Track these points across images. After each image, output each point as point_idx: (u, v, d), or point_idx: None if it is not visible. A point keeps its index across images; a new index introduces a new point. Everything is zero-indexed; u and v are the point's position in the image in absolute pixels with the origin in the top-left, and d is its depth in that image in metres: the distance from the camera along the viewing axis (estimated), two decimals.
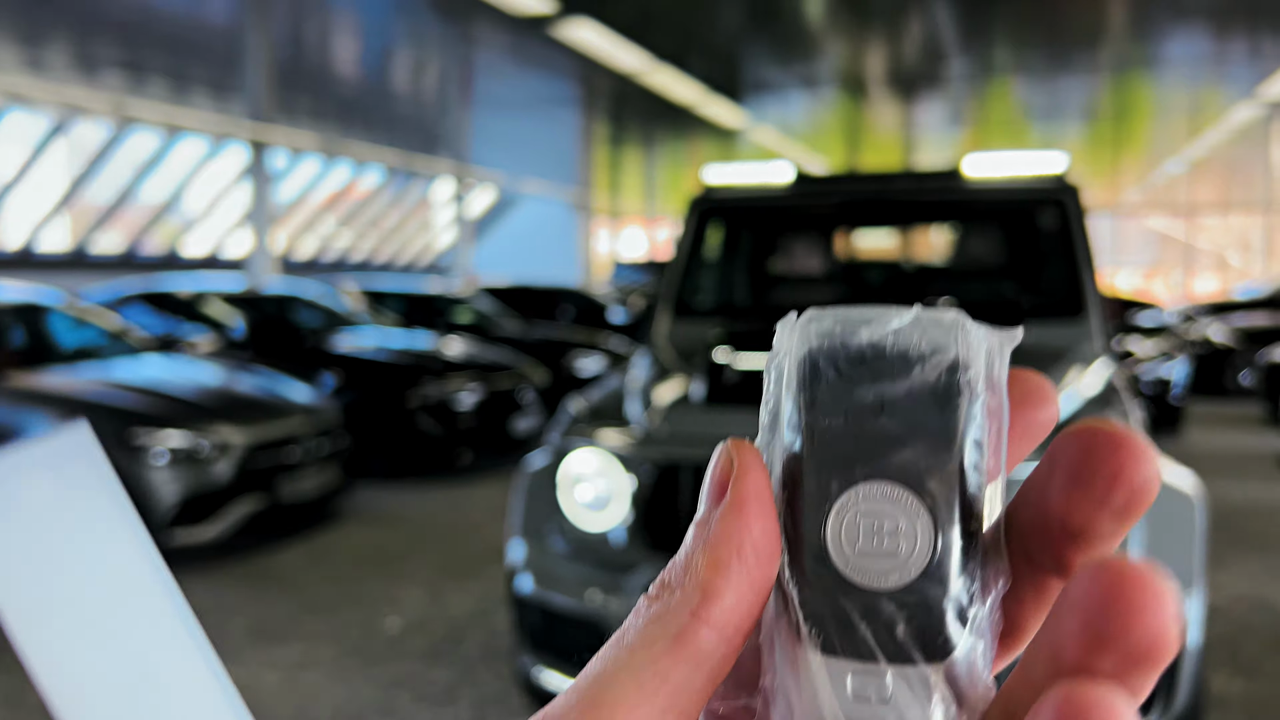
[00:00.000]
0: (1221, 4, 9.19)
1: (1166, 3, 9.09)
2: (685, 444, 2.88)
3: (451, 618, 4.69)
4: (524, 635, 3.08)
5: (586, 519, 3.01)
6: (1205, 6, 9.21)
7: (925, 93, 13.10)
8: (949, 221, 4.38)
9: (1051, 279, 4.06)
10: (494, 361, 8.65)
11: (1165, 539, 2.70)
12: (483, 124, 15.55)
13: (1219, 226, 40.12)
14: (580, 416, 3.17)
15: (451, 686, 3.90)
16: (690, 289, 4.36)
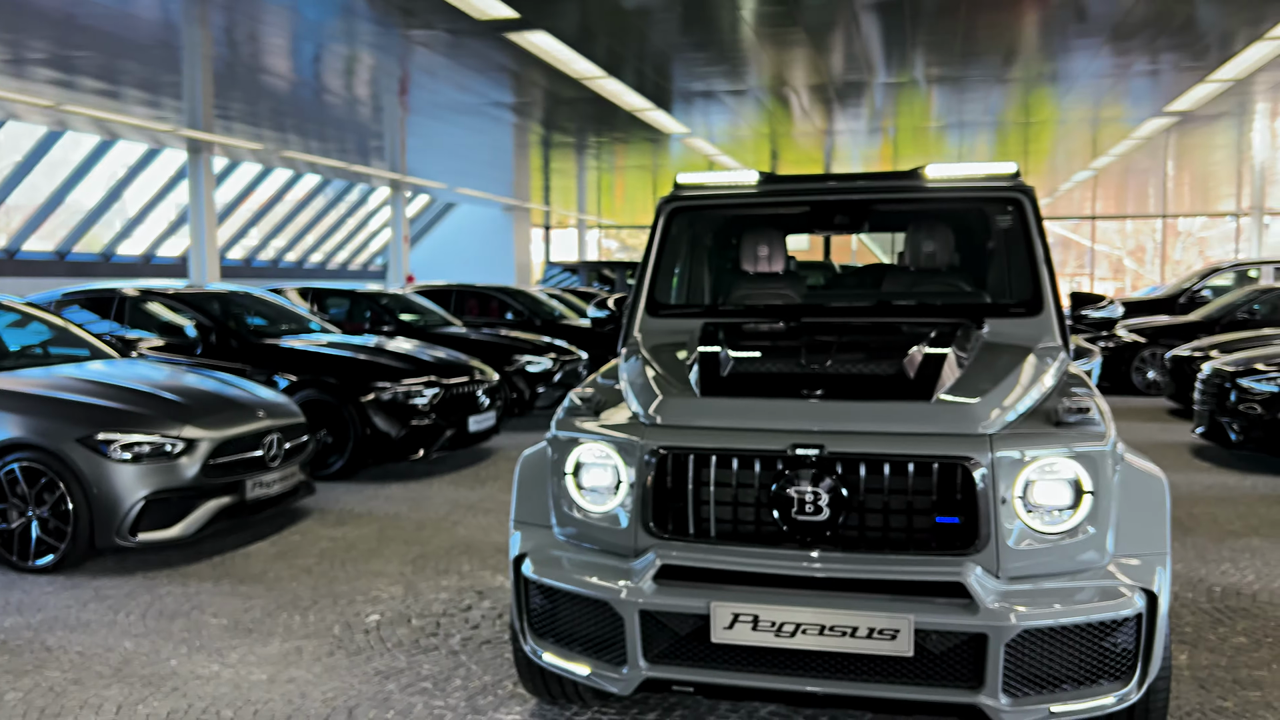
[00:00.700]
0: (1125, 28, 9.68)
1: (1073, 22, 9.54)
2: (685, 434, 3.00)
3: (431, 612, 4.74)
4: (529, 618, 3.17)
5: (591, 506, 3.12)
6: (1109, 28, 9.69)
7: (847, 104, 13.46)
8: (914, 221, 4.56)
9: (1012, 277, 4.28)
10: (448, 360, 8.67)
11: (1140, 516, 2.91)
12: (420, 131, 15.48)
13: (1118, 232, 41.76)
14: (582, 408, 3.27)
15: (441, 677, 3.96)
16: (663, 287, 4.48)
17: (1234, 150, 18.48)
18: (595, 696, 3.59)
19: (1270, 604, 4.76)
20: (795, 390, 3.07)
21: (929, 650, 2.73)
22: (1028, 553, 2.79)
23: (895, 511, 2.83)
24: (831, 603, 2.76)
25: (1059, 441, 2.83)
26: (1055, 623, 2.68)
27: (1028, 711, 2.71)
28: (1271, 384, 8.13)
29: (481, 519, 6.60)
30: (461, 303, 14.48)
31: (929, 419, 2.91)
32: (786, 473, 2.87)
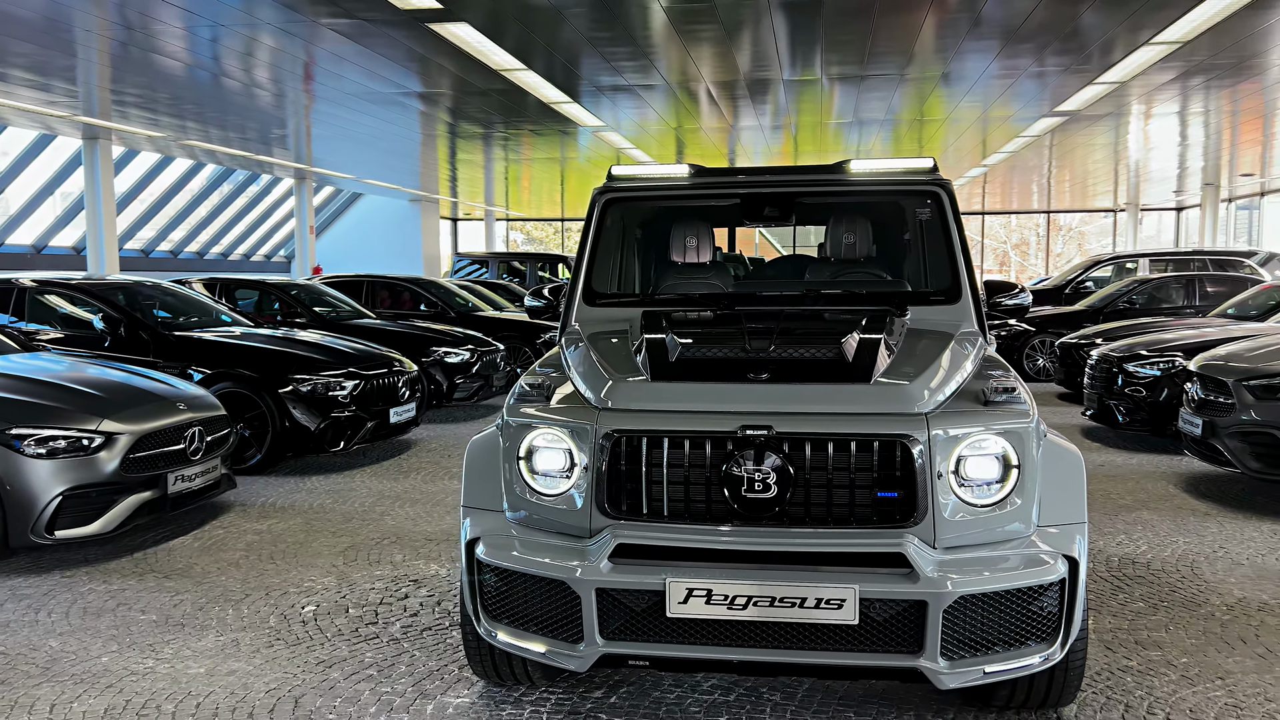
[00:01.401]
0: (1020, 33, 10.15)
1: (971, 26, 9.96)
2: (638, 417, 3.11)
3: (368, 602, 4.74)
4: (483, 600, 3.23)
5: (544, 489, 3.20)
6: (1005, 32, 10.15)
7: (754, 100, 13.74)
8: (839, 212, 4.75)
9: (931, 266, 4.50)
10: (367, 351, 8.59)
11: (1061, 488, 3.14)
12: (327, 120, 15.18)
13: (1004, 226, 43.52)
14: (532, 394, 3.34)
15: (385, 664, 3.99)
16: (599, 277, 4.58)
17: (1112, 150, 19.46)
18: (544, 675, 3.67)
19: (1163, 571, 5.12)
20: (742, 374, 3.20)
21: (873, 618, 2.90)
22: (961, 524, 2.98)
23: (839, 488, 2.99)
24: (781, 575, 2.90)
25: (988, 419, 3.03)
26: (988, 589, 2.88)
27: (963, 673, 2.91)
28: (1154, 368, 8.66)
29: (409, 509, 6.59)
30: (373, 294, 14.30)
31: (870, 400, 3.07)
32: (736, 453, 3.00)
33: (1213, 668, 3.88)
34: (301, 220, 20.91)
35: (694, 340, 3.50)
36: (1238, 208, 28.13)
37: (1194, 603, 4.64)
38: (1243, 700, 3.59)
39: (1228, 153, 19.53)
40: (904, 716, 3.46)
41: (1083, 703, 3.56)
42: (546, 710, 3.54)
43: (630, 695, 3.66)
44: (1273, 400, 6.24)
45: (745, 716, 3.48)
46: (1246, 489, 7.02)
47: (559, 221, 36.64)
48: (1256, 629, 4.30)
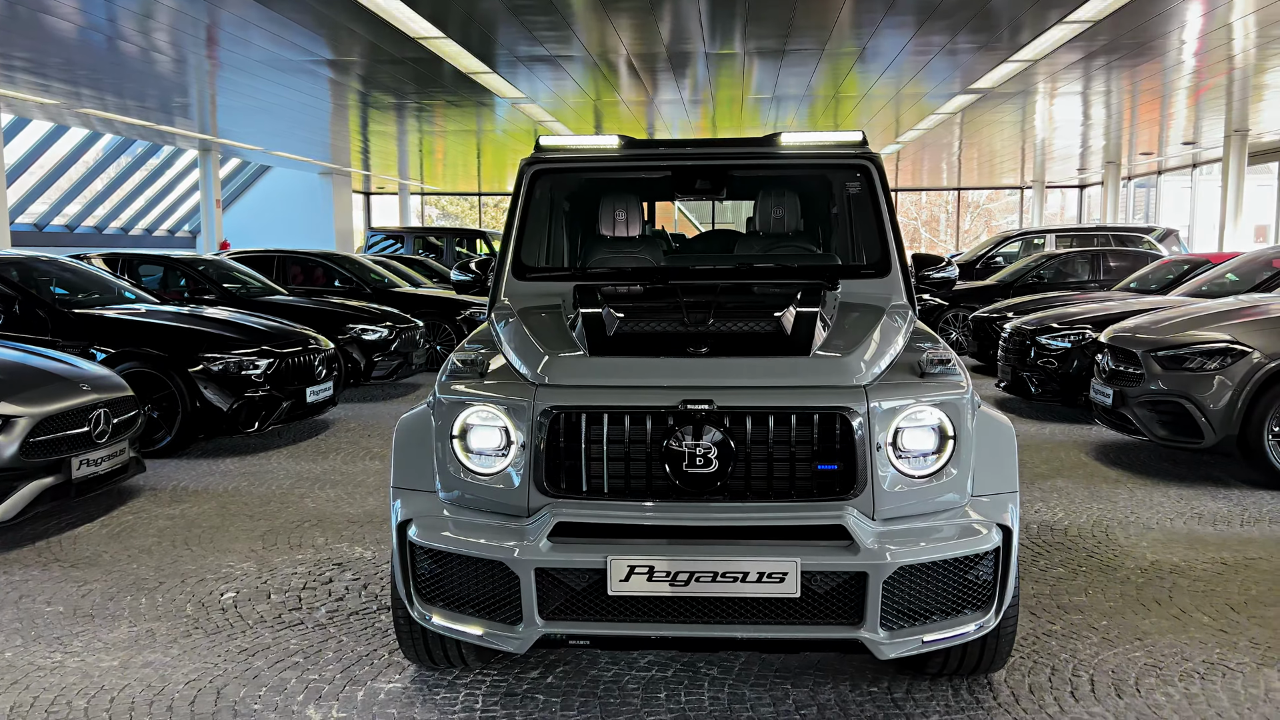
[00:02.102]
0: (938, 9, 10.29)
1: (886, 2, 10.06)
2: (576, 393, 3.04)
3: (290, 587, 4.59)
4: (416, 584, 3.14)
5: (479, 468, 3.11)
6: (922, 8, 10.28)
7: (675, 73, 13.68)
8: (769, 186, 4.73)
9: (861, 240, 4.52)
10: (281, 329, 8.31)
11: (994, 458, 3.18)
12: (233, 88, 14.61)
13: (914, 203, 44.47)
14: (465, 370, 3.24)
15: (311, 650, 3.86)
16: (529, 250, 4.48)
17: (1020, 128, 19.96)
18: (478, 657, 3.60)
19: (1079, 537, 5.27)
20: (682, 348, 3.15)
21: (814, 591, 2.89)
22: (899, 495, 2.99)
23: (779, 461, 2.97)
24: (723, 550, 2.88)
25: (925, 391, 3.04)
26: (926, 559, 2.90)
27: (903, 642, 2.93)
28: (1065, 341, 8.92)
29: (329, 491, 6.41)
30: (284, 270, 13.85)
31: (810, 373, 3.06)
32: (677, 428, 2.95)
33: (1131, 629, 4.01)
34: (207, 193, 20.14)
35: (631, 314, 3.44)
36: (1136, 185, 29.19)
37: (1110, 567, 4.79)
38: (1161, 660, 3.71)
39: (1128, 132, 20.21)
40: (840, 686, 3.49)
41: (1011, 667, 3.64)
42: (482, 692, 3.47)
43: (567, 675, 3.61)
44: (1179, 370, 6.47)
45: (684, 692, 3.47)
46: (1153, 456, 7.29)
47: (476, 196, 36.10)
48: (1169, 590, 4.46)
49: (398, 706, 3.39)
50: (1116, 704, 3.36)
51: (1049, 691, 3.46)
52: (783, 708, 3.35)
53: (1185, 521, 5.56)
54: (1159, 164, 25.74)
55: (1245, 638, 3.92)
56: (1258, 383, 6.18)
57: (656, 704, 3.38)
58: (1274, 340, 6.23)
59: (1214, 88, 15.00)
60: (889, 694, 3.44)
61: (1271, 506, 5.85)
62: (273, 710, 3.38)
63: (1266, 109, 16.84)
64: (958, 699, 3.40)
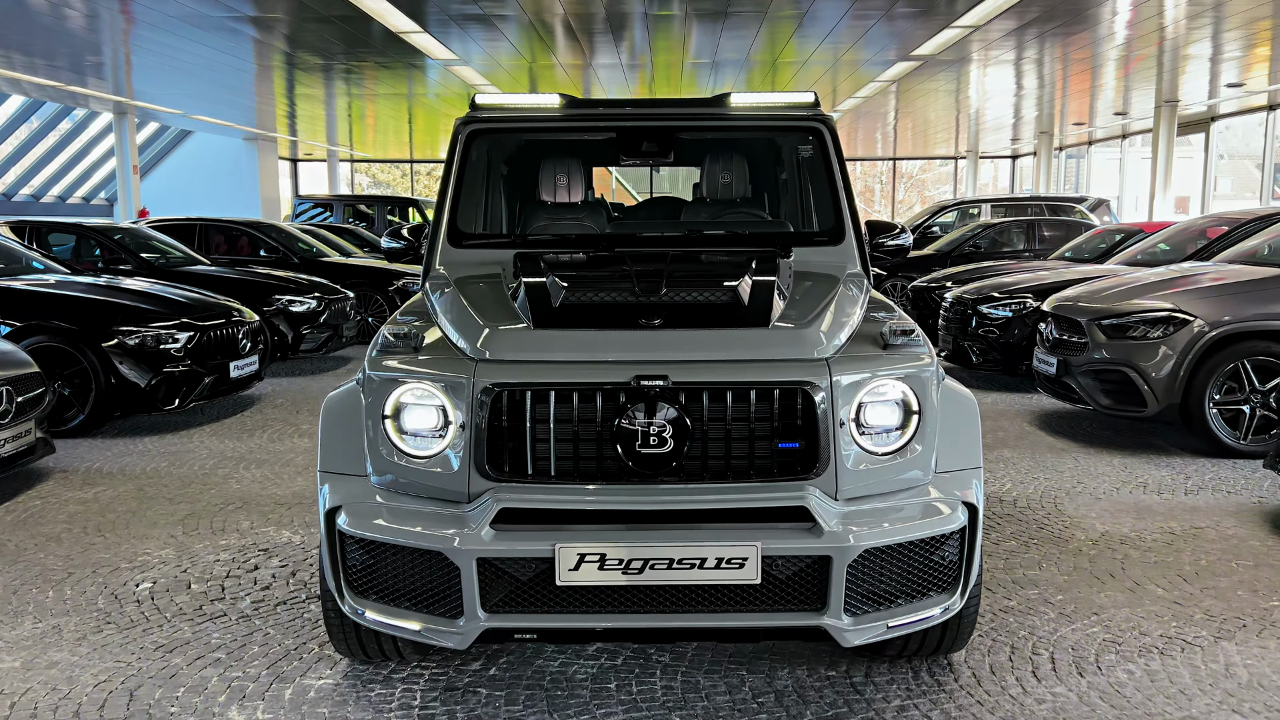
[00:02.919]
0: None
1: None
2: (520, 369, 2.82)
3: (213, 575, 4.31)
4: (347, 576, 2.91)
5: (415, 451, 2.88)
6: None
7: (612, 35, 13.35)
8: (717, 150, 4.54)
9: (813, 206, 4.35)
10: (203, 300, 7.91)
11: (958, 433, 3.04)
12: (148, 47, 13.89)
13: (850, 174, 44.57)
14: (397, 344, 2.99)
15: (235, 645, 3.60)
16: (465, 216, 4.23)
17: (954, 98, 20.01)
18: (415, 650, 3.38)
19: (1029, 509, 5.22)
20: (634, 320, 2.95)
21: (775, 576, 2.73)
22: (862, 474, 2.84)
23: (738, 440, 2.79)
24: (679, 535, 2.69)
25: (890, 363, 2.88)
26: (891, 540, 2.75)
27: (867, 628, 2.78)
28: (1006, 310, 8.91)
29: (255, 471, 6.10)
30: (207, 239, 13.29)
31: (769, 345, 2.88)
32: (629, 406, 2.75)
33: (1087, 604, 3.94)
34: (124, 159, 19.24)
35: (577, 283, 3.21)
36: (1067, 156, 29.63)
37: (1061, 539, 4.73)
38: (1119, 636, 3.64)
39: (1060, 102, 20.40)
40: (797, 671, 3.35)
41: (970, 647, 3.53)
42: (420, 687, 3.26)
43: (511, 666, 3.41)
44: (1123, 339, 6.46)
45: (635, 681, 3.29)
46: (1095, 425, 7.31)
47: (407, 163, 35.26)
48: (1122, 562, 4.41)
49: (329, 705, 3.16)
50: (1079, 683, 3.28)
51: (1010, 671, 3.36)
52: (738, 695, 3.19)
53: (1131, 491, 5.55)
54: (1089, 135, 26.12)
55: (1199, 609, 3.88)
56: (1199, 351, 6.19)
57: (606, 695, 3.21)
58: (1215, 308, 6.24)
59: (1145, 59, 15.16)
60: (848, 678, 3.31)
61: (1213, 474, 5.88)
62: (191, 713, 3.12)
63: (1192, 81, 17.10)
64: (918, 682, 3.28)
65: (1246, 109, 20.24)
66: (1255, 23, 12.57)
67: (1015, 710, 3.10)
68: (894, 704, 3.13)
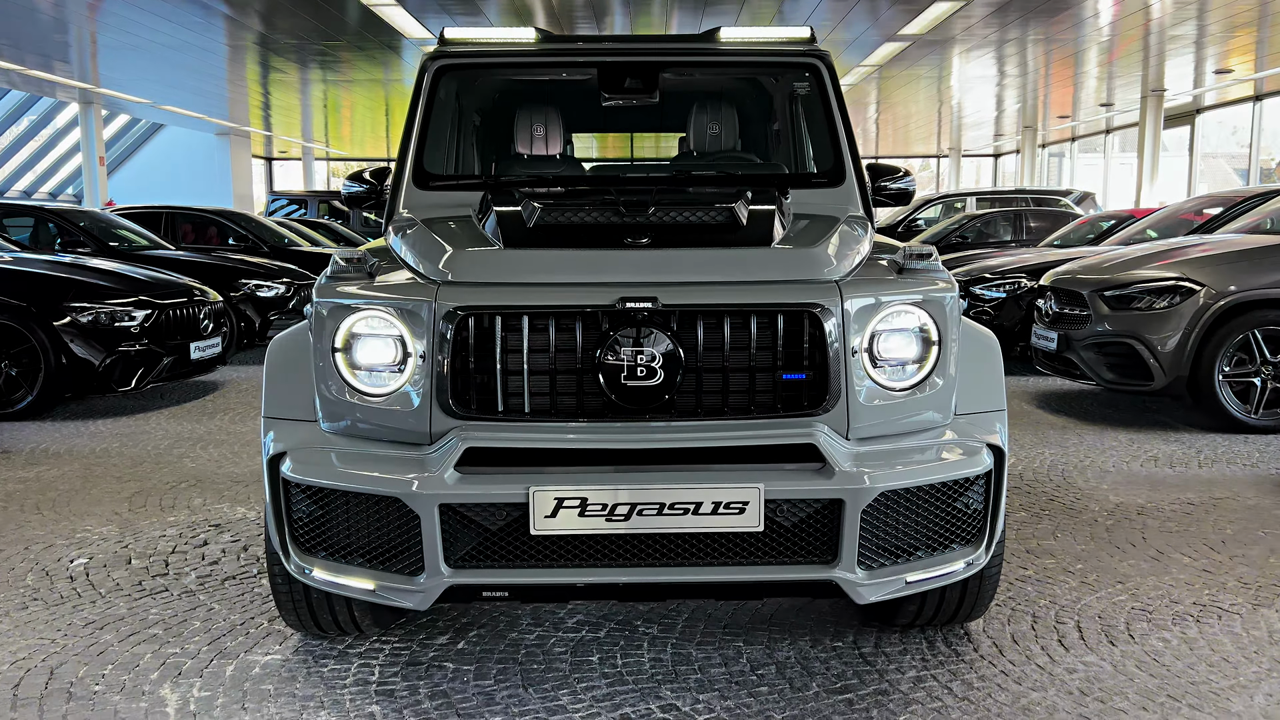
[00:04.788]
0: None
1: None
2: (488, 291, 2.48)
3: (156, 551, 3.94)
4: (292, 530, 2.56)
5: (369, 388, 2.54)
6: None
7: (596, 21, 13.03)
8: (704, 99, 4.22)
9: (811, 147, 4.03)
10: (163, 279, 7.51)
11: (980, 372, 2.74)
12: (114, 26, 13.45)
13: None
14: (349, 270, 2.64)
15: (174, 621, 3.24)
16: (432, 156, 3.88)
17: (937, 88, 19.78)
18: (375, 622, 3.03)
19: (1036, 482, 4.91)
20: (618, 239, 2.62)
21: (780, 524, 2.40)
22: (876, 410, 2.52)
23: (737, 371, 2.46)
24: (671, 477, 2.36)
25: (909, 287, 2.56)
26: (912, 483, 2.43)
27: (884, 583, 2.46)
28: (1000, 291, 8.65)
29: (213, 451, 5.72)
30: (174, 228, 12.85)
31: (773, 265, 2.55)
32: (614, 332, 2.42)
33: (1110, 572, 3.63)
34: (90, 150, 18.73)
35: (555, 206, 2.87)
36: (1049, 154, 29.56)
37: (1074, 510, 4.43)
38: (1149, 604, 3.33)
39: (1043, 91, 20.23)
40: (799, 642, 3.02)
41: (986, 617, 3.22)
42: (379, 662, 2.91)
43: (482, 639, 3.06)
44: (1127, 310, 6.18)
45: (619, 654, 2.95)
46: (1096, 403, 7.03)
47: (386, 163, 34.84)
48: (1142, 531, 4.11)
49: (275, 681, 2.80)
50: (1111, 651, 2.96)
51: (1034, 640, 3.04)
52: (735, 668, 2.86)
53: (1142, 464, 5.26)
54: (1074, 130, 26.03)
55: (1232, 577, 3.58)
56: (1208, 321, 5.91)
57: (588, 668, 2.86)
58: (1224, 276, 5.97)
59: (1131, 43, 14.98)
60: (856, 649, 2.98)
61: (1226, 448, 5.60)
62: (118, 691, 2.76)
63: (1178, 68, 16.96)
64: (934, 652, 2.95)
65: (1231, 100, 20.16)
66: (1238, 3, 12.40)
67: (1044, 680, 2.78)
68: (909, 675, 2.80)
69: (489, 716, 2.59)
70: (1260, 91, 18.78)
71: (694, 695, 2.70)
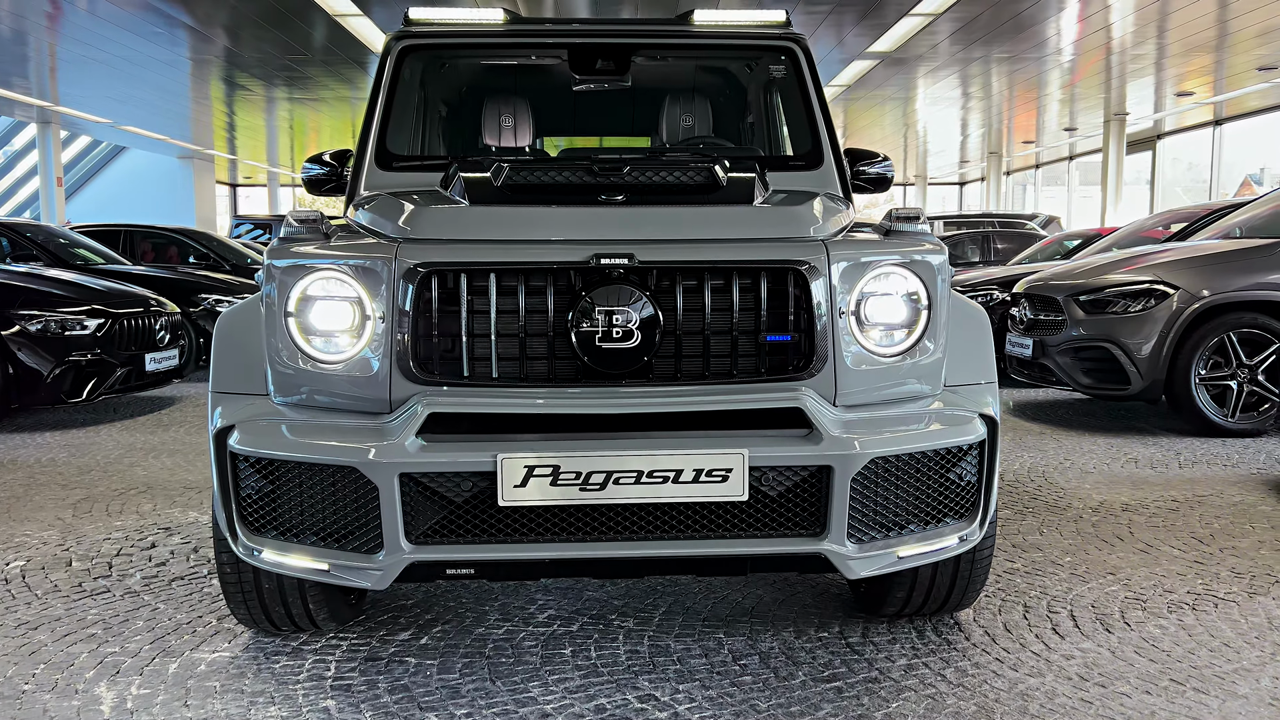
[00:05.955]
0: None
1: None
2: (453, 248, 2.33)
3: (99, 554, 3.72)
4: (240, 508, 2.37)
5: (326, 355, 2.37)
6: None
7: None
8: (678, 91, 4.12)
9: (789, 131, 3.93)
10: (117, 289, 7.27)
11: (970, 342, 2.63)
12: (74, 50, 13.20)
13: None
14: (303, 231, 2.48)
15: (115, 621, 3.02)
16: (396, 137, 3.73)
17: (902, 112, 19.91)
18: (332, 617, 2.83)
19: (1017, 482, 4.80)
20: (592, 197, 2.48)
21: (765, 493, 2.25)
22: (865, 375, 2.38)
23: (719, 333, 2.32)
24: (649, 443, 2.21)
25: (898, 248, 2.44)
26: (903, 449, 2.29)
27: (874, 557, 2.31)
28: None
29: (166, 460, 5.48)
30: (133, 246, 12.55)
31: (756, 222, 2.42)
32: (586, 292, 2.27)
33: (1100, 564, 3.51)
34: (47, 172, 18.36)
35: (525, 165, 2.73)
36: (1014, 183, 29.91)
37: (1058, 507, 4.32)
38: (1142, 593, 3.21)
39: (1007, 114, 20.44)
40: (783, 633, 2.86)
41: (977, 607, 3.08)
42: (335, 658, 2.71)
43: (447, 634, 2.87)
44: (1103, 314, 6.13)
45: (594, 646, 2.78)
46: (1071, 411, 6.96)
47: None
48: (1129, 526, 4.00)
49: (221, 678, 2.60)
50: (1108, 638, 2.83)
51: (1028, 629, 2.90)
52: (716, 658, 2.69)
53: (1122, 465, 5.17)
54: (1037, 156, 26.36)
55: (1224, 568, 3.47)
56: (1183, 324, 5.87)
57: (560, 660, 2.68)
58: (1198, 279, 5.94)
59: (1094, 66, 15.17)
60: (842, 638, 2.82)
61: (1205, 450, 5.53)
62: (49, 690, 2.54)
63: (1139, 93, 17.21)
64: (924, 641, 2.81)
65: (1191, 125, 20.49)
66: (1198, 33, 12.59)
67: (1042, 666, 2.64)
68: (899, 663, 2.65)
69: (454, 710, 2.40)
70: (1220, 116, 19.11)
71: (673, 685, 2.53)
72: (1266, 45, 13.91)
